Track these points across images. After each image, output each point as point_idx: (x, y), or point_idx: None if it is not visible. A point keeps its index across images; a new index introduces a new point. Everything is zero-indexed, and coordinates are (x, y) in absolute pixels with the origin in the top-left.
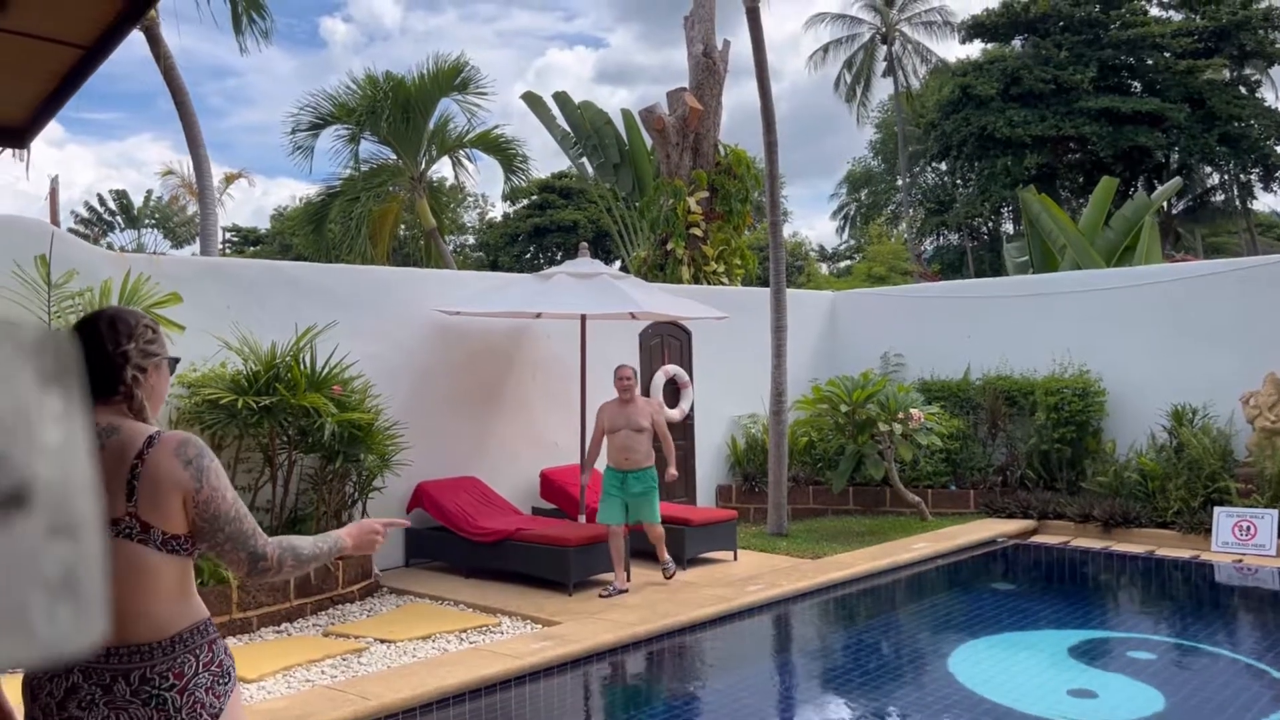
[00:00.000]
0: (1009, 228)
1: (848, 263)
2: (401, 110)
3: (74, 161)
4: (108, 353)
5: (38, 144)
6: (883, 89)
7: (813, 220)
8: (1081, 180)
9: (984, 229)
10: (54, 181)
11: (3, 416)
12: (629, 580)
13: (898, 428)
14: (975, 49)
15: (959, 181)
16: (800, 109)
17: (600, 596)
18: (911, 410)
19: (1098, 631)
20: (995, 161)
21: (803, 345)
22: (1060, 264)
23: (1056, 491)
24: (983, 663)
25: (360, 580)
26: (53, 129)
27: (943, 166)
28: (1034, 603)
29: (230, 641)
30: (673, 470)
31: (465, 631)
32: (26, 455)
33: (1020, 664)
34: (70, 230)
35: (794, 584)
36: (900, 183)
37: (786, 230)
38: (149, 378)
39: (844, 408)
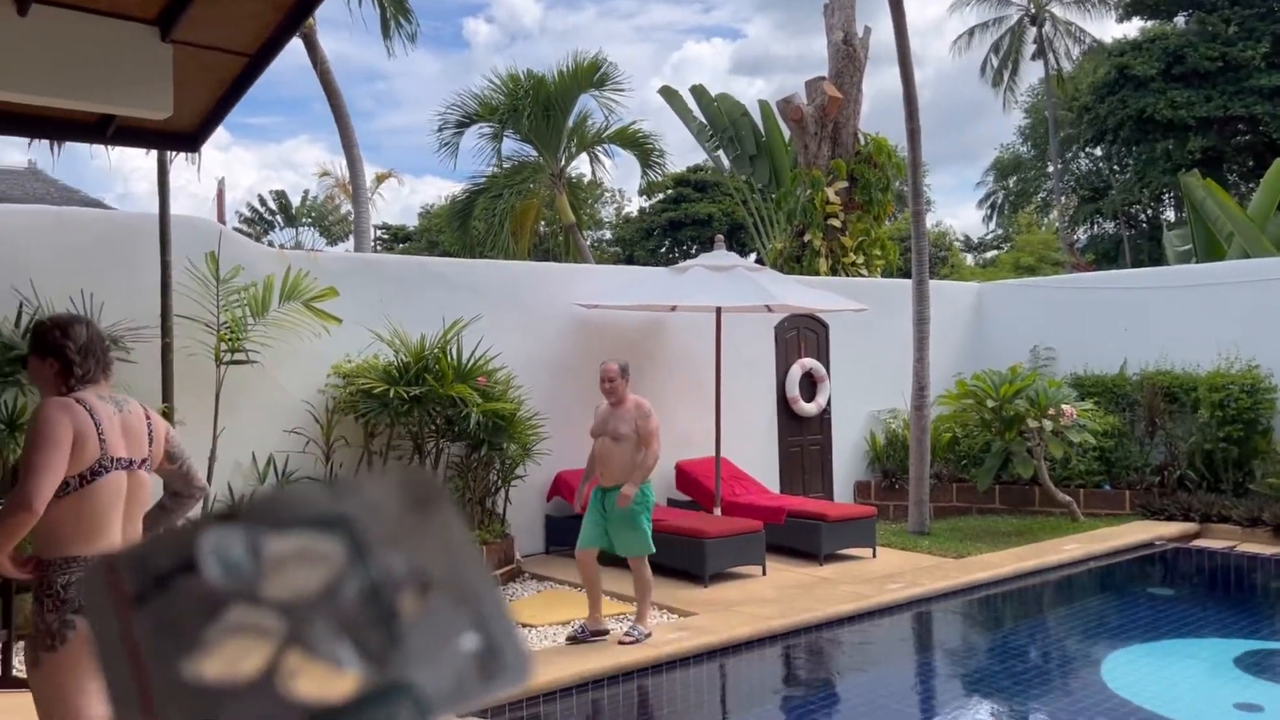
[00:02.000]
0: (1170, 215)
1: (994, 253)
2: (542, 107)
3: (237, 164)
4: (106, 348)
5: (206, 148)
6: (1032, 72)
7: (957, 209)
8: (1251, 163)
9: (1142, 216)
10: (220, 183)
11: (390, 535)
12: (645, 617)
13: (1048, 424)
14: (1133, 27)
15: (1115, 167)
16: (944, 95)
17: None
18: (1063, 406)
19: (1268, 642)
20: (1155, 145)
21: (946, 338)
22: (1227, 253)
23: (1221, 493)
24: (1139, 670)
25: (502, 566)
26: (219, 133)
27: (1097, 151)
28: (1196, 610)
29: None
30: (627, 488)
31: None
32: (418, 558)
33: (1181, 673)
34: (235, 229)
35: (936, 583)
36: (1051, 169)
37: (929, 220)
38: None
39: (990, 403)
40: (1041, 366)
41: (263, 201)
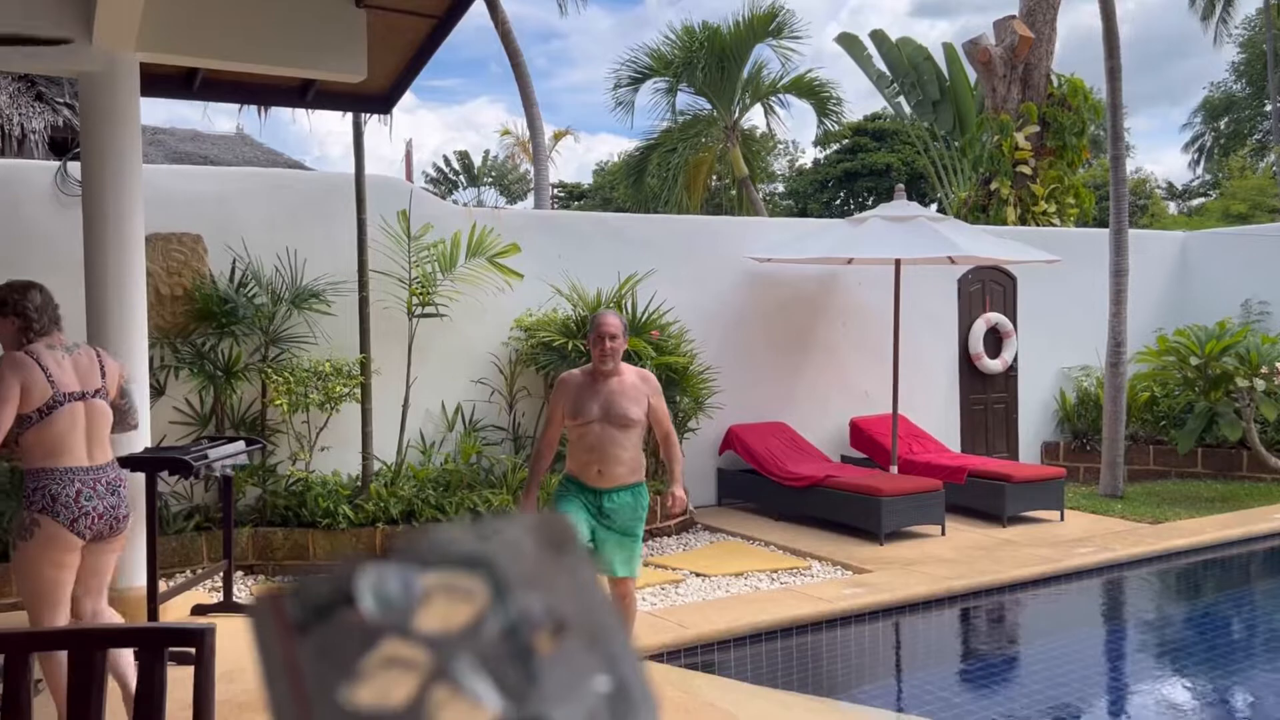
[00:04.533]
0: None
1: (1201, 200)
2: (716, 59)
3: (423, 126)
4: (56, 307)
5: (395, 110)
6: (1249, 2)
7: (1159, 154)
8: None
9: None
10: (408, 145)
11: (528, 576)
12: None
13: (1260, 384)
14: None
15: None
16: (1145, 31)
17: None
18: (1278, 364)
19: None
20: None
21: (1146, 291)
22: None
23: None
24: None
25: (676, 517)
26: (405, 97)
27: None
28: None
29: None
30: (679, 491)
31: (776, 572)
32: (554, 599)
33: None
34: (423, 189)
35: (1129, 549)
36: (1270, 108)
37: (1129, 166)
38: None
39: (1195, 360)
40: (1254, 322)
41: (447, 162)
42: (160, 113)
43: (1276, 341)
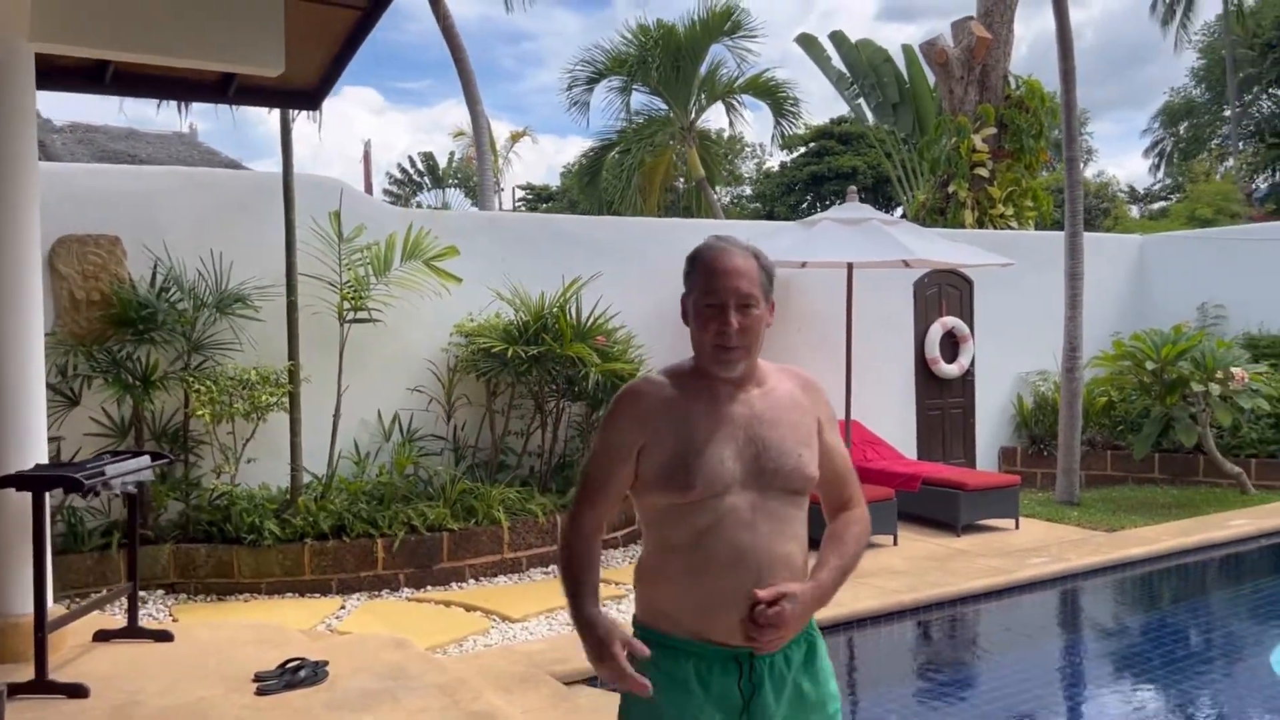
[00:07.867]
0: None
1: (1163, 204)
2: (671, 58)
3: (392, 127)
4: None
5: (358, 111)
6: (1208, 8)
7: (1122, 159)
8: None
9: None
10: (366, 146)
11: None
12: None
13: (1215, 388)
14: None
15: None
16: (1110, 38)
17: None
18: (1233, 369)
19: None
20: None
21: (1103, 295)
22: None
23: None
24: None
25: (624, 527)
26: (372, 97)
27: None
28: None
29: (499, 581)
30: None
31: None
32: None
33: None
34: (385, 191)
35: (1084, 558)
36: (1228, 113)
37: (1092, 170)
38: None
39: (1150, 365)
40: (1210, 326)
41: (412, 163)
42: (109, 109)
43: (1231, 346)
